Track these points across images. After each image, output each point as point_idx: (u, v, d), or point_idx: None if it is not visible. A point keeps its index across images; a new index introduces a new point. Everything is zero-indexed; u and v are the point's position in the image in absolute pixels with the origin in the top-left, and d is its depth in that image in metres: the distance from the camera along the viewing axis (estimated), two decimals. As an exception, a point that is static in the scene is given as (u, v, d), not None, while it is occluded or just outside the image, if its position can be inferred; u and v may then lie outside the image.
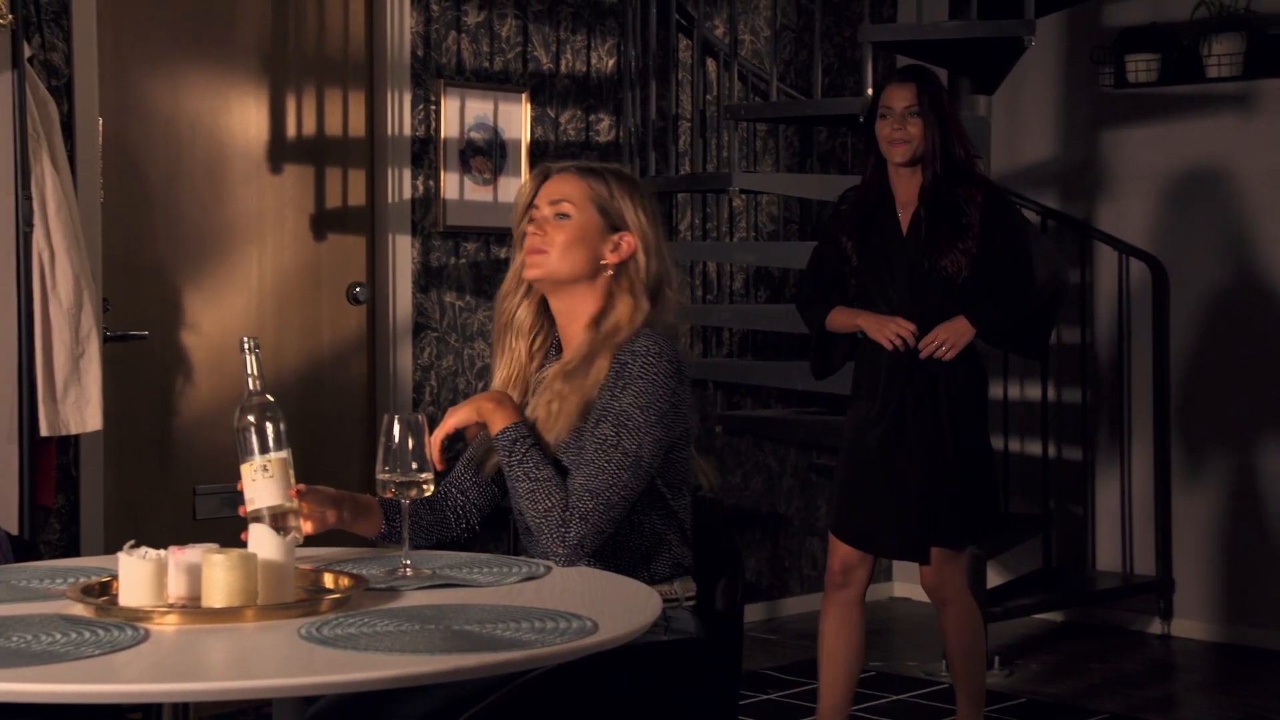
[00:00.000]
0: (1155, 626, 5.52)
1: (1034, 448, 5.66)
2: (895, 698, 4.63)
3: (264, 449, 2.25)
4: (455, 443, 2.55)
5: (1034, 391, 5.65)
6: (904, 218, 3.83)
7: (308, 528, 2.36)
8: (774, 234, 5.77)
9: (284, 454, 2.26)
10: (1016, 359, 5.68)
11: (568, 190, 2.52)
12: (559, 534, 2.38)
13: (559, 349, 2.59)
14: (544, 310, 2.59)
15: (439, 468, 2.43)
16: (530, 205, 2.56)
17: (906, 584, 6.15)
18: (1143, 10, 5.52)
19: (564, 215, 2.50)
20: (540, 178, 2.57)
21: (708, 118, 5.35)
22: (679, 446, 2.48)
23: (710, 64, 5.40)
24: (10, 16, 3.41)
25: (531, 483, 2.41)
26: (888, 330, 3.76)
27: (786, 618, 5.76)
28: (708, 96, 5.38)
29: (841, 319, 3.89)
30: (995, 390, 5.47)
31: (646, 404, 2.39)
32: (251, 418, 2.26)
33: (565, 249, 2.49)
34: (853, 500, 3.85)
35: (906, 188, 3.84)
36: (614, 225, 2.51)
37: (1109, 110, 5.67)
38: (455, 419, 2.45)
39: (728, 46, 5.21)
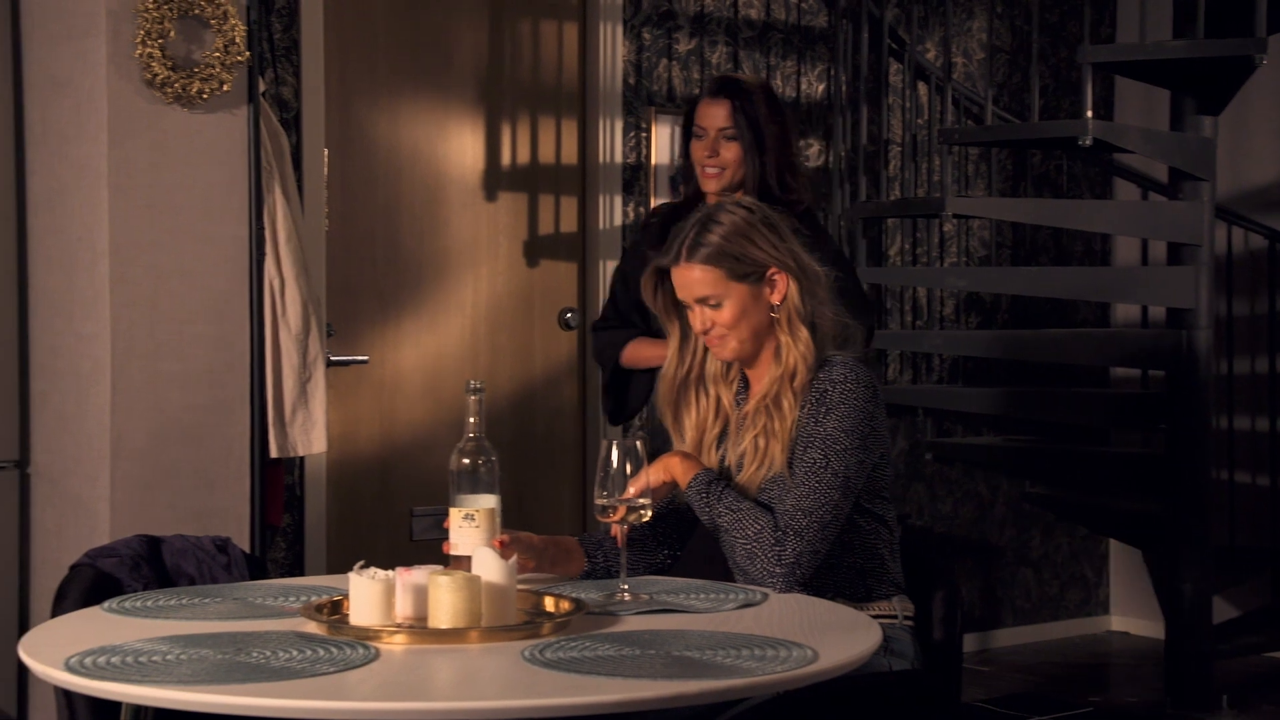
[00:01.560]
0: (1393, 669, 5.26)
1: (1262, 479, 5.45)
2: (1114, 735, 4.50)
3: (474, 494, 2.31)
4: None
5: (1262, 423, 5.44)
6: None
7: None
8: (985, 259, 5.68)
9: (492, 503, 2.31)
10: (1242, 387, 5.48)
11: (701, 280, 2.52)
12: (774, 553, 2.40)
13: (744, 382, 2.64)
14: None
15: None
16: (656, 293, 2.59)
17: (1124, 617, 5.97)
18: (1379, 24, 5.28)
19: (716, 305, 2.53)
20: (657, 276, 2.59)
21: (918, 142, 5.30)
22: (880, 465, 2.53)
23: (921, 87, 5.35)
24: (247, 54, 3.55)
25: (735, 514, 2.44)
26: None
27: (999, 649, 5.64)
28: (918, 120, 5.33)
29: (648, 350, 3.44)
30: (1221, 419, 5.29)
31: (850, 427, 2.45)
32: (466, 461, 2.32)
33: (736, 324, 2.53)
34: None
35: None
36: (759, 276, 2.54)
37: (1342, 129, 5.44)
38: (643, 482, 2.45)
39: (940, 70, 5.15)
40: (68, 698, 2.29)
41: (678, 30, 5.03)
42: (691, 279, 2.52)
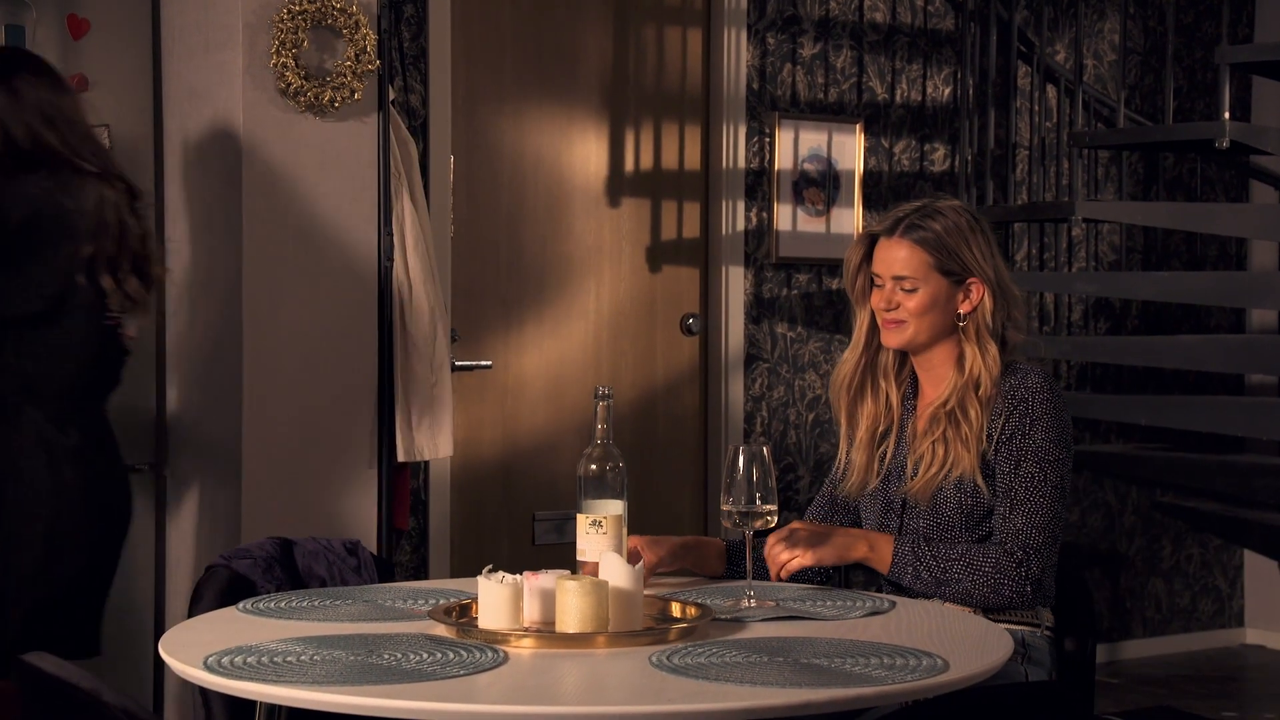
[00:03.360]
0: None
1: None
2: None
3: (601, 500, 2.32)
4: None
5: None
6: None
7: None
8: (1115, 264, 5.58)
9: (620, 509, 2.32)
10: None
11: (906, 260, 2.53)
12: (1020, 574, 2.41)
13: (914, 386, 2.64)
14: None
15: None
16: (860, 268, 2.60)
17: (1259, 630, 5.83)
18: None
19: (910, 289, 2.53)
20: (868, 242, 2.60)
21: (1046, 145, 5.22)
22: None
23: (1049, 90, 5.26)
24: (378, 62, 3.60)
25: (962, 560, 2.43)
26: None
27: (1128, 660, 5.53)
28: (1047, 124, 5.25)
29: None
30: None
31: (1056, 437, 2.50)
32: (594, 467, 2.33)
33: (920, 316, 2.53)
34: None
35: None
36: (959, 279, 2.54)
37: None
38: (812, 560, 2.43)
39: (1070, 72, 5.07)
40: (204, 695, 2.34)
41: (802, 35, 5.01)
42: (898, 256, 2.53)
